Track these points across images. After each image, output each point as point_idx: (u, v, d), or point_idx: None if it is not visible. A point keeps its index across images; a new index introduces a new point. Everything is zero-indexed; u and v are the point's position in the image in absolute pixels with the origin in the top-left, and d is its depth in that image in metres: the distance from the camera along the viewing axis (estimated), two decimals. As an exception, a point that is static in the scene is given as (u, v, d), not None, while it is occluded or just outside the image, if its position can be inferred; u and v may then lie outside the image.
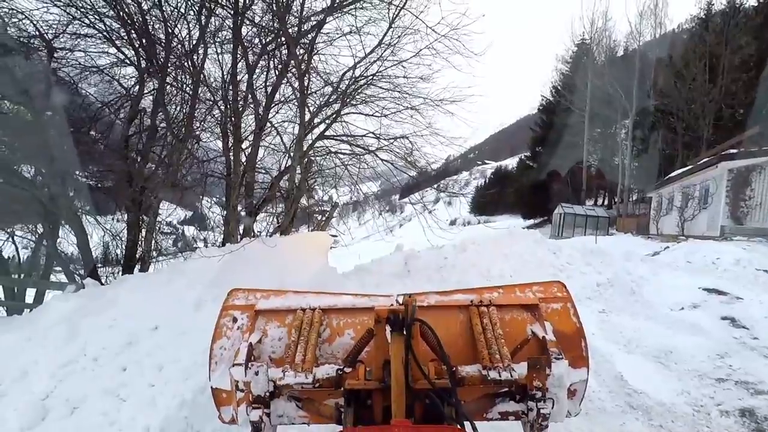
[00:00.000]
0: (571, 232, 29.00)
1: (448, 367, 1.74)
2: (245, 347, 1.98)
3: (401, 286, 7.68)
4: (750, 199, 12.85)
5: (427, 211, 8.41)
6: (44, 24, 6.53)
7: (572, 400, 2.17)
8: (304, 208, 10.72)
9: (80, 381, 3.88)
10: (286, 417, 2.01)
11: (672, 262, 9.50)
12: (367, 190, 11.57)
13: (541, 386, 1.81)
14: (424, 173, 8.57)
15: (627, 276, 7.89)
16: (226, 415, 2.19)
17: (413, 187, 10.08)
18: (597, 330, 6.21)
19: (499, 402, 1.99)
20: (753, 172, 12.81)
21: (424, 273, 8.83)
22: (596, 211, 31.85)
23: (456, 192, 11.47)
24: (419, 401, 1.78)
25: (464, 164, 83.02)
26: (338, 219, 19.35)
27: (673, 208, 18.01)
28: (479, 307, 2.20)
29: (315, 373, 1.86)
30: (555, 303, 2.30)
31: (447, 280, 8.27)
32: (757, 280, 7.70)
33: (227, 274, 5.05)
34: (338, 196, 9.92)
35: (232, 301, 2.39)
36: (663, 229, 19.22)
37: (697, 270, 8.32)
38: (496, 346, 1.97)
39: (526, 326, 2.17)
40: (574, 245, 10.19)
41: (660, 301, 7.09)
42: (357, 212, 21.74)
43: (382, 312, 1.74)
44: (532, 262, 8.71)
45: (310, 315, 2.20)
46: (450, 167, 41.26)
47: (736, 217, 13.03)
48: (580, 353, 2.18)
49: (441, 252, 9.25)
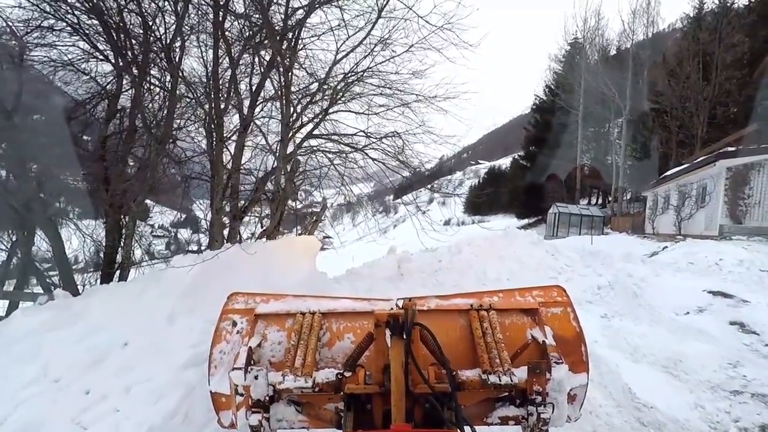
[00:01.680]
0: (566, 232, 28.85)
1: (448, 371, 1.72)
2: (245, 351, 1.98)
3: (395, 291, 7.36)
4: (749, 198, 12.64)
5: (420, 212, 8.08)
6: (16, 20, 6.16)
7: (572, 405, 2.15)
8: (293, 210, 10.38)
9: (40, 405, 3.51)
10: (286, 421, 1.98)
11: (673, 262, 9.24)
12: (359, 191, 11.28)
13: (541, 391, 1.79)
14: (418, 173, 8.24)
15: (628, 278, 7.61)
16: (226, 419, 2.18)
17: (407, 187, 9.80)
18: (600, 336, 5.91)
19: (499, 406, 1.98)
20: (752, 171, 12.61)
21: (418, 276, 8.52)
22: (591, 210, 31.72)
23: (450, 192, 11.20)
24: (419, 405, 1.76)
25: (458, 164, 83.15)
26: (331, 221, 19.09)
27: (669, 207, 17.83)
28: (479, 311, 2.20)
29: (315, 377, 1.86)
30: (555, 307, 2.30)
31: (442, 284, 7.96)
32: (763, 282, 7.45)
33: (204, 282, 4.70)
34: (327, 197, 9.56)
35: (232, 304, 2.39)
36: (659, 229, 19.04)
37: (700, 271, 8.06)
38: (496, 350, 1.97)
39: (526, 330, 2.18)
40: (571, 246, 9.93)
41: (664, 304, 6.81)
42: (350, 213, 21.61)
43: (382, 316, 1.74)
44: (530, 264, 8.41)
45: (310, 319, 2.19)
46: (444, 167, 41.25)
47: (735, 216, 12.82)
48: (580, 358, 2.18)
49: (435, 255, 8.94)
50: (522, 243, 8.91)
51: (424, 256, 8.97)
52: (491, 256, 8.54)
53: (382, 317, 1.75)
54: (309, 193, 8.85)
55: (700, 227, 14.35)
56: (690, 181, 15.70)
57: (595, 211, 31.59)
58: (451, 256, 8.65)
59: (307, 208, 14.42)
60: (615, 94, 32.66)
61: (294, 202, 7.63)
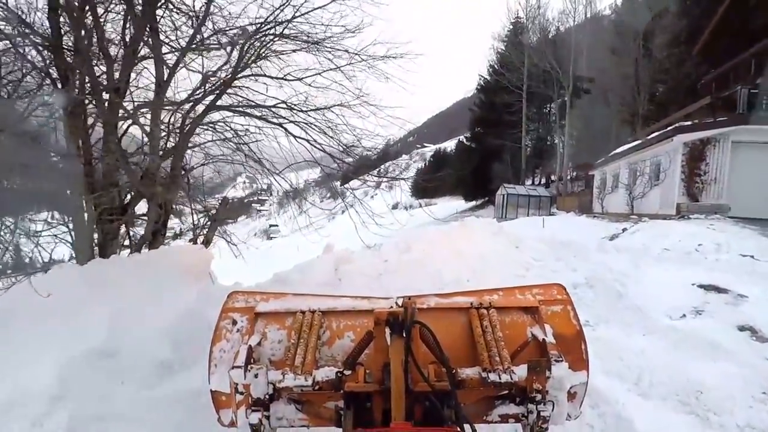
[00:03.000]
0: (515, 213, 28.40)
1: (448, 369, 1.74)
2: (245, 350, 1.98)
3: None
4: (705, 175, 12.10)
5: (358, 201, 6.50)
6: None
7: (572, 403, 2.17)
8: (234, 200, 8.52)
9: None
10: (286, 420, 1.99)
11: (642, 248, 8.26)
12: (298, 179, 9.64)
13: (541, 389, 1.80)
14: (351, 151, 6.58)
15: (608, 273, 6.45)
16: (226, 418, 2.19)
17: (354, 172, 8.25)
18: (590, 355, 4.62)
19: (498, 404, 1.99)
20: (708, 146, 12.04)
21: (359, 281, 6.94)
22: (538, 191, 31.55)
23: (396, 176, 9.62)
24: (419, 404, 1.80)
25: (404, 147, 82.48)
26: (278, 208, 17.31)
27: (620, 185, 17.35)
28: (479, 309, 2.21)
29: (315, 376, 1.86)
30: (555, 305, 2.30)
31: (388, 289, 6.44)
32: (749, 269, 6.53)
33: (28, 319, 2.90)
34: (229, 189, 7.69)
35: (232, 303, 2.37)
36: (608, 208, 18.63)
37: (681, 260, 7.07)
38: (496, 348, 1.98)
39: (526, 329, 2.18)
40: (535, 235, 8.72)
41: (653, 304, 5.68)
42: (297, 200, 20.41)
43: (382, 314, 1.78)
44: (492, 259, 7.07)
45: (310, 317, 2.21)
46: (391, 150, 39.76)
47: (692, 194, 12.27)
48: (580, 356, 2.18)
49: (380, 253, 7.39)
50: (482, 235, 7.55)
51: (367, 254, 7.41)
52: (447, 252, 7.12)
53: (381, 315, 1.77)
54: (220, 182, 6.92)
55: (655, 206, 13.80)
56: (642, 158, 15.14)
57: (542, 191, 31.44)
58: (400, 254, 7.14)
59: (253, 196, 12.32)
60: (559, 72, 32.45)
61: (189, 199, 5.72)
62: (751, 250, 7.52)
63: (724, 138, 11.93)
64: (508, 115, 37.65)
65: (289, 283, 6.68)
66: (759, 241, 8.16)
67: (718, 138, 12.04)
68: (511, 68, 36.66)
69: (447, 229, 7.77)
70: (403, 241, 7.56)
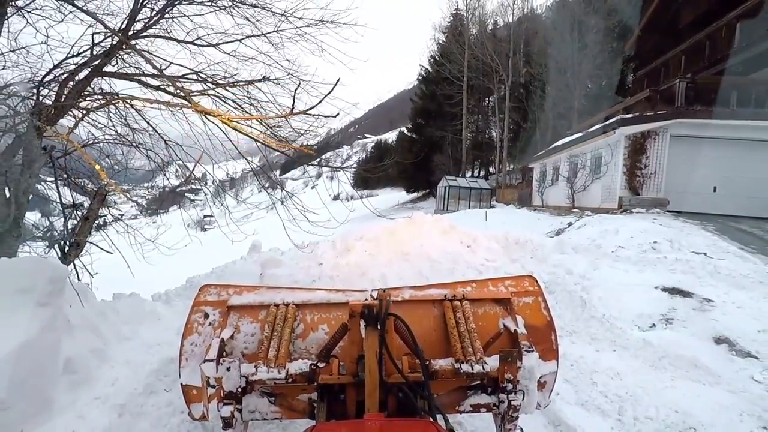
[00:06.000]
0: (456, 205, 28.19)
1: (422, 360, 1.72)
2: (217, 343, 1.94)
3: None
4: (645, 168, 12.10)
5: (287, 195, 5.43)
6: None
7: (542, 392, 2.22)
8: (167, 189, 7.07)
9: None
10: (258, 412, 1.94)
11: (594, 246, 7.82)
12: (234, 168, 8.39)
13: (512, 379, 1.79)
14: (281, 135, 5.44)
15: (568, 277, 5.85)
16: (197, 411, 2.13)
17: (294, 162, 7.13)
18: (559, 381, 3.90)
19: (471, 395, 1.98)
20: (648, 139, 12.03)
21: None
22: (479, 183, 31.59)
23: (338, 166, 8.55)
24: (392, 395, 1.78)
25: (345, 138, 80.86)
26: (213, 198, 15.70)
27: (560, 178, 17.35)
28: (453, 301, 2.21)
29: (288, 369, 1.82)
30: (526, 297, 2.32)
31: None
32: (709, 269, 6.18)
33: None
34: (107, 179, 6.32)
35: (204, 296, 2.31)
36: (548, 201, 18.66)
37: (638, 260, 6.63)
38: (468, 339, 1.98)
39: (498, 320, 2.20)
40: (470, 223, 8.04)
41: (619, 313, 5.12)
42: (234, 190, 19.17)
43: (357, 307, 1.75)
44: (443, 262, 6.26)
45: (284, 310, 2.17)
46: (331, 141, 38.20)
47: (633, 188, 12.24)
48: (550, 346, 2.23)
49: (315, 255, 6.34)
50: (431, 233, 6.71)
51: (299, 256, 6.34)
52: (392, 253, 6.22)
53: (356, 308, 1.74)
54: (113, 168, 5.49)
55: (596, 199, 13.76)
56: (583, 150, 15.09)
57: (483, 183, 31.53)
58: (337, 256, 6.15)
59: (186, 185, 10.65)
60: (498, 64, 32.59)
61: (57, 187, 4.33)
62: (701, 248, 7.29)
63: (663, 131, 11.96)
64: (449, 107, 37.46)
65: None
66: (705, 238, 8.00)
67: (657, 131, 12.06)
68: (452, 59, 36.41)
69: (393, 226, 6.86)
70: (341, 240, 6.56)
